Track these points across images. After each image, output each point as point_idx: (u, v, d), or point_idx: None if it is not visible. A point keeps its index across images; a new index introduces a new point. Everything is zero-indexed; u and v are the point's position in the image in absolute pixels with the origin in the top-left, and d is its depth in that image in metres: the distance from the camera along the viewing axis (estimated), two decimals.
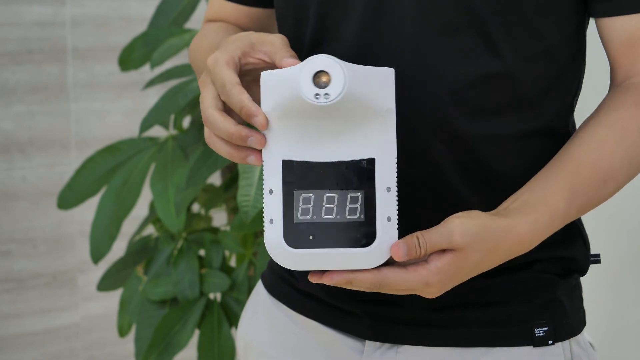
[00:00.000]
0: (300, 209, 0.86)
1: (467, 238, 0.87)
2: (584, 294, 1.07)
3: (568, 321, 1.02)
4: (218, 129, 0.88)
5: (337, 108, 0.85)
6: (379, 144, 0.88)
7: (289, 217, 0.86)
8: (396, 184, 0.88)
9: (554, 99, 1.00)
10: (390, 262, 0.88)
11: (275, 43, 0.91)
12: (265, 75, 0.87)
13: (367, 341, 1.03)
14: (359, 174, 0.87)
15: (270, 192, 0.86)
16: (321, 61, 0.84)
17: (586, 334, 1.06)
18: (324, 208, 0.86)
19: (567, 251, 1.02)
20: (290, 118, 0.86)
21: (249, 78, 0.93)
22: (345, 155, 0.87)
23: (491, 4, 0.93)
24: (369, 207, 0.87)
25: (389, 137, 0.88)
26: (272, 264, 1.15)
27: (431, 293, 0.89)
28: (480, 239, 0.88)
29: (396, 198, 0.88)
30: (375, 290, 0.88)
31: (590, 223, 1.02)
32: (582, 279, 1.07)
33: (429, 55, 0.94)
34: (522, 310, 1.00)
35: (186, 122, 2.09)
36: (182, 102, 1.83)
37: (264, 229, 0.87)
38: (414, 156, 0.96)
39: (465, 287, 0.96)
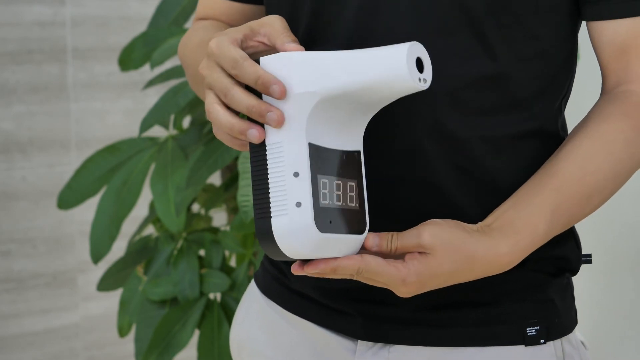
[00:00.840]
0: (322, 193, 0.86)
1: (435, 240, 0.88)
2: (576, 293, 1.07)
3: (560, 320, 1.02)
4: (239, 102, 0.86)
5: (372, 98, 0.86)
6: (362, 137, 0.91)
7: (316, 200, 0.85)
8: None
9: (547, 100, 1.00)
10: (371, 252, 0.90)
11: (274, 25, 0.90)
12: (300, 57, 0.86)
13: (359, 341, 1.03)
14: (353, 165, 0.89)
15: (296, 174, 0.84)
16: (419, 48, 0.85)
17: (578, 332, 1.06)
18: (335, 194, 0.87)
19: (559, 251, 1.02)
20: (327, 103, 0.86)
21: None
22: (346, 145, 0.89)
23: (486, 5, 0.93)
24: (360, 196, 0.89)
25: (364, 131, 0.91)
26: (266, 264, 1.15)
27: (404, 292, 0.90)
28: (453, 249, 0.89)
29: None
30: (354, 278, 0.89)
31: (582, 223, 1.02)
32: (574, 278, 1.07)
33: None
34: (513, 310, 1.00)
35: (186, 122, 2.09)
36: (182, 102, 1.83)
37: (282, 214, 0.84)
38: (408, 156, 0.96)
39: (457, 287, 0.97)
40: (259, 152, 0.87)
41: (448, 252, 0.89)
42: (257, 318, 1.13)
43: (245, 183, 1.66)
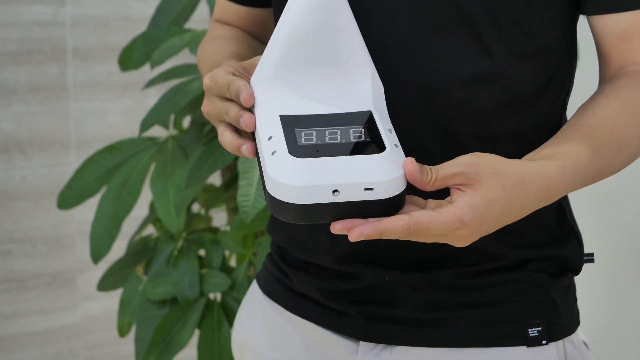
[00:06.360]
0: (303, 137, 0.83)
1: (478, 163, 0.83)
2: (578, 293, 1.07)
3: (562, 321, 1.02)
4: (229, 118, 0.90)
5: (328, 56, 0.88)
6: (373, 99, 0.88)
7: (292, 143, 0.82)
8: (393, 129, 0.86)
9: (548, 98, 1.00)
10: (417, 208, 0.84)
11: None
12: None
13: (361, 342, 1.04)
14: (359, 121, 0.86)
15: (270, 138, 0.84)
16: None
17: (580, 333, 1.06)
18: (327, 136, 0.84)
19: (561, 250, 1.02)
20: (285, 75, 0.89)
21: None
22: (343, 109, 0.87)
23: (481, 3, 0.93)
24: (373, 134, 0.84)
25: (380, 92, 0.89)
26: (268, 265, 1.15)
27: (465, 236, 0.83)
28: (498, 173, 0.83)
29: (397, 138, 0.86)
30: (409, 239, 0.81)
31: (584, 222, 1.02)
32: (576, 278, 1.07)
33: (419, 55, 0.94)
34: (515, 310, 1.00)
35: (186, 122, 2.09)
36: (182, 102, 1.83)
37: (266, 165, 0.83)
38: (407, 155, 0.96)
39: (459, 287, 0.96)
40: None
41: (493, 177, 0.83)
42: (258, 319, 1.13)
43: (245, 183, 1.66)
